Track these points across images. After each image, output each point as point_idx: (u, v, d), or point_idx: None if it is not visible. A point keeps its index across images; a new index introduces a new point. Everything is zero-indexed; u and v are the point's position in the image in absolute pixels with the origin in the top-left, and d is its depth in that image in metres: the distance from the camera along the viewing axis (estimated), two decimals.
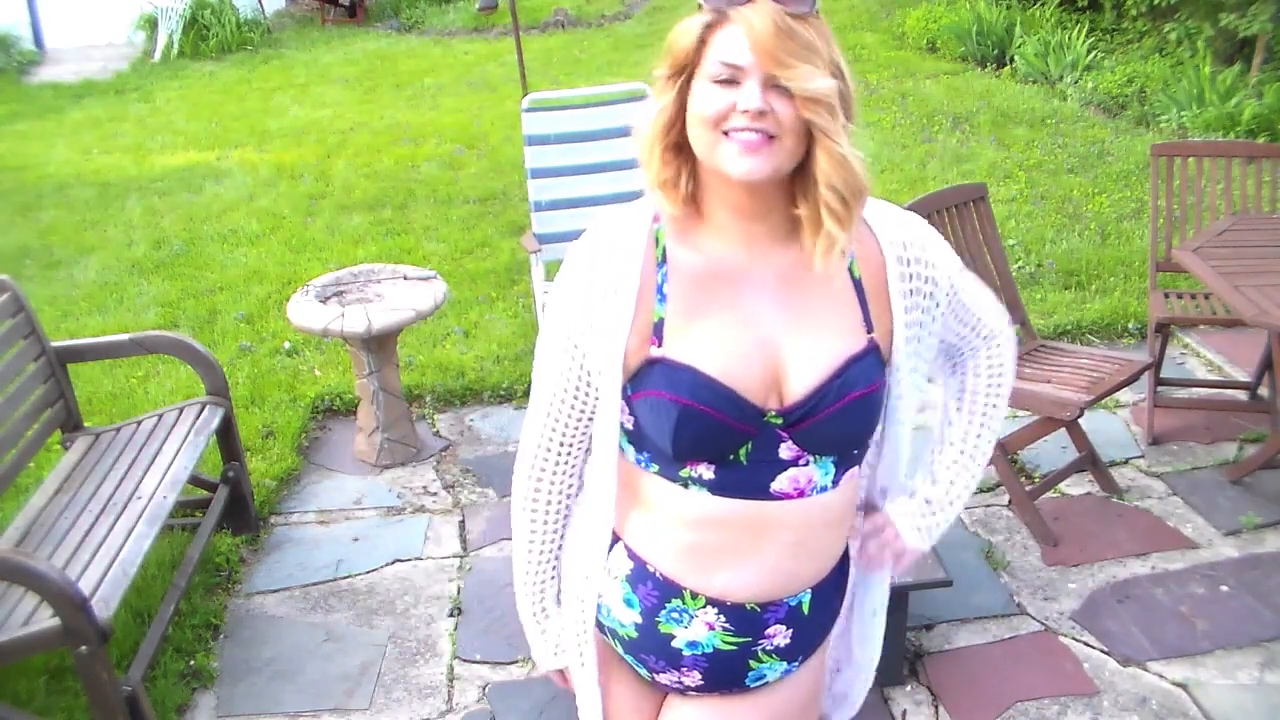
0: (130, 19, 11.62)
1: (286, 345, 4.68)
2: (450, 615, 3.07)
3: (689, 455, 1.37)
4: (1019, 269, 5.02)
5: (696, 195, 1.36)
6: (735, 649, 1.46)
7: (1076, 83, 8.01)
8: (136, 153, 7.96)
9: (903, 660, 2.74)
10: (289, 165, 7.38)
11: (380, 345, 3.67)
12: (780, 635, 1.47)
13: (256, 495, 3.53)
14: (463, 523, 3.51)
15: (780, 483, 1.38)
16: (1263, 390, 3.85)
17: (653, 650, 1.49)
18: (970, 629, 2.91)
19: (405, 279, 3.84)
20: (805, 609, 1.48)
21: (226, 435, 3.34)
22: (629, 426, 1.41)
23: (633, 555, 1.48)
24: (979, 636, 2.88)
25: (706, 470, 1.37)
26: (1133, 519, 3.34)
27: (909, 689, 2.69)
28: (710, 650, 1.46)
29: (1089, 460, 3.44)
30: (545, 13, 11.99)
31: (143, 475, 2.97)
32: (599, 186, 4.36)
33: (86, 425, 3.37)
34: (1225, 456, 3.64)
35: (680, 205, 1.35)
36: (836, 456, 1.40)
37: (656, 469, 1.41)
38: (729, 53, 1.26)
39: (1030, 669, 2.76)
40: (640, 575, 1.47)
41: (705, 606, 1.44)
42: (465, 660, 2.90)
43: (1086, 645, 2.83)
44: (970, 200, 3.46)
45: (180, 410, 3.29)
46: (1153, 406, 3.74)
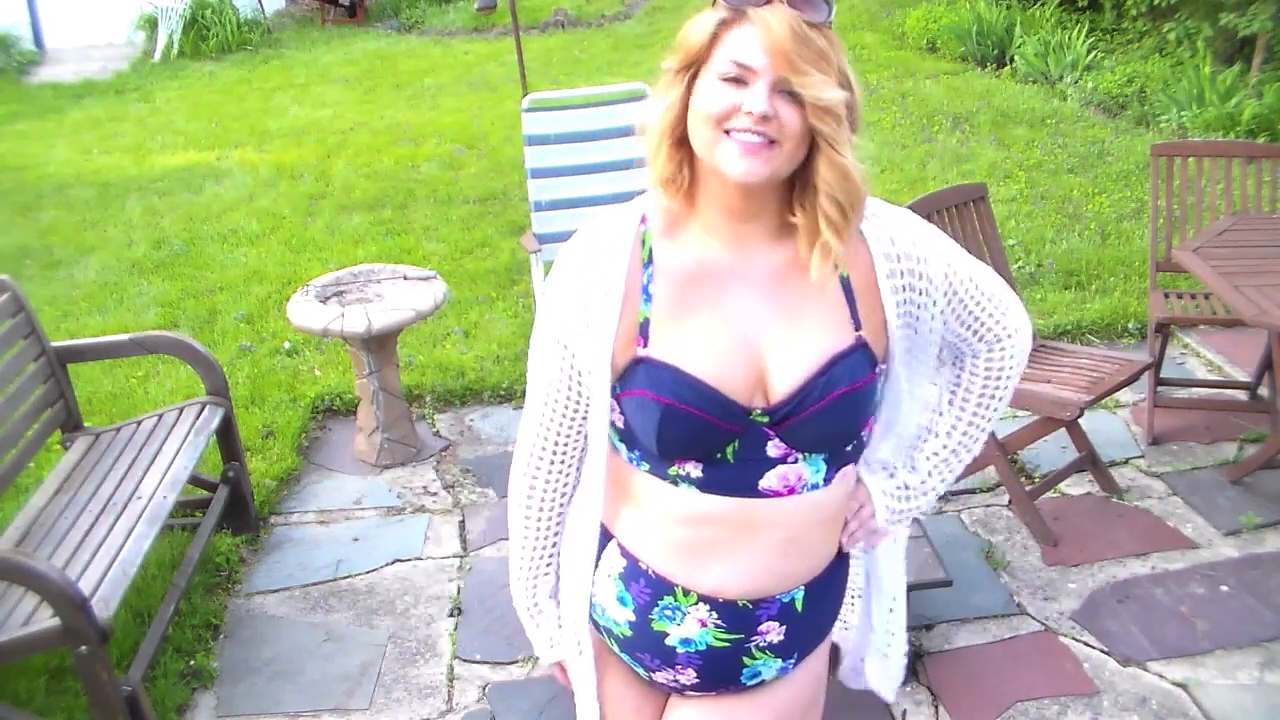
0: (130, 19, 11.63)
1: (286, 345, 4.68)
2: (450, 615, 3.07)
3: (675, 454, 1.38)
4: (1019, 269, 5.02)
5: (692, 190, 1.37)
6: (728, 646, 1.46)
7: (1076, 83, 8.01)
8: (136, 153, 7.96)
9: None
10: (289, 165, 7.38)
11: (380, 345, 3.67)
12: (773, 632, 1.47)
13: (256, 495, 3.53)
14: (463, 523, 3.51)
15: (769, 480, 1.39)
16: (1263, 390, 3.85)
17: (647, 648, 1.50)
18: (970, 629, 2.91)
19: (405, 279, 3.84)
20: (798, 606, 1.48)
21: (226, 435, 3.34)
22: (620, 425, 1.43)
23: (625, 553, 1.48)
24: (979, 636, 2.88)
25: (695, 468, 1.38)
26: (1133, 519, 3.34)
27: (909, 689, 2.69)
28: (703, 647, 1.46)
29: (1089, 460, 3.44)
30: (545, 13, 11.99)
31: (143, 475, 2.98)
32: (599, 186, 4.36)
33: (86, 425, 3.37)
34: (1225, 456, 3.64)
35: (680, 201, 1.36)
36: (827, 454, 1.41)
37: (647, 467, 1.42)
38: (741, 52, 1.26)
39: (1030, 669, 2.76)
40: (633, 573, 1.47)
41: (697, 603, 1.44)
42: (465, 660, 2.90)
43: (1086, 645, 2.83)
44: (970, 200, 3.46)
45: (180, 410, 3.30)
46: (1153, 406, 3.74)
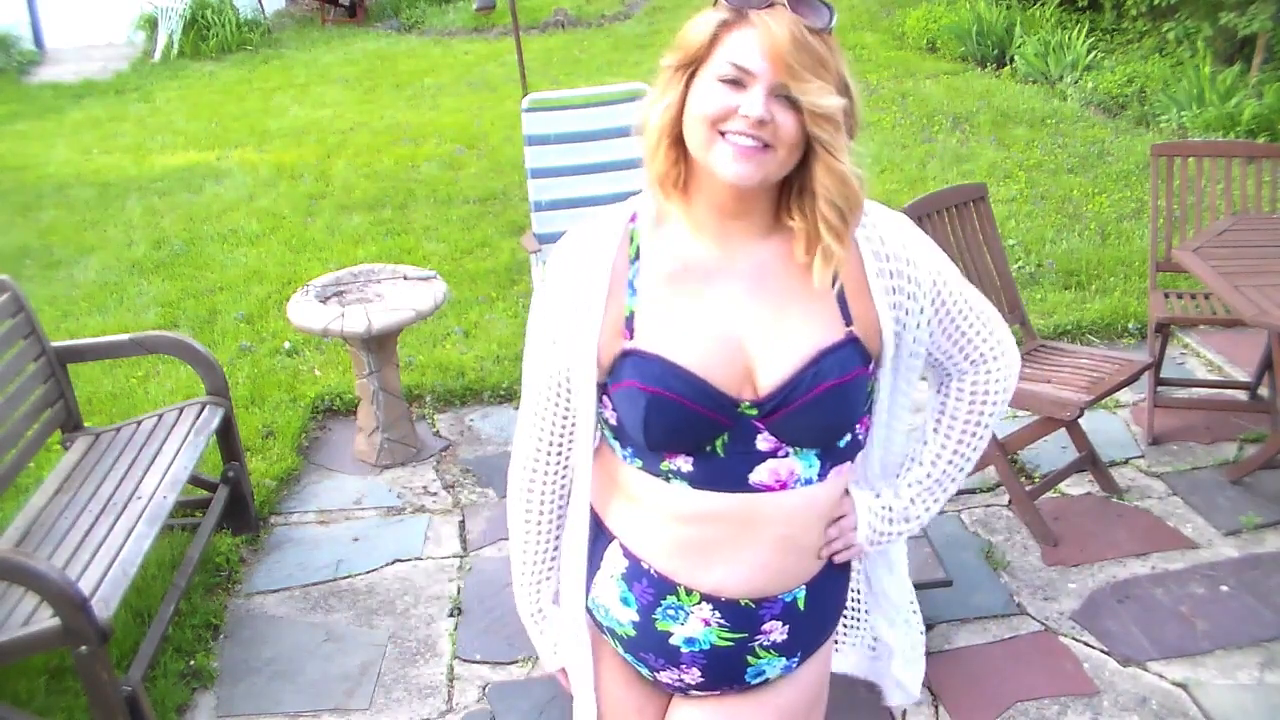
0: (130, 19, 11.63)
1: (286, 345, 4.68)
2: (450, 615, 3.07)
3: (663, 445, 1.38)
4: (1019, 269, 5.02)
5: (686, 187, 1.37)
6: (732, 645, 1.46)
7: (1076, 83, 8.01)
8: (136, 153, 7.96)
9: None
10: (289, 165, 7.38)
11: (380, 345, 3.67)
12: (777, 631, 1.47)
13: (256, 495, 3.53)
14: (463, 523, 3.51)
15: (759, 474, 1.38)
16: (1263, 390, 3.85)
17: (652, 648, 1.50)
18: (970, 629, 2.91)
19: (405, 279, 3.84)
20: (801, 605, 1.48)
21: (226, 435, 3.34)
22: (613, 422, 1.43)
23: (627, 553, 1.48)
24: (979, 636, 2.88)
25: (685, 462, 1.38)
26: (1133, 519, 3.34)
27: None
28: (708, 647, 1.46)
29: (1089, 460, 3.44)
30: (545, 13, 11.99)
31: (143, 475, 2.98)
32: (599, 186, 4.36)
33: (86, 425, 3.37)
34: (1225, 456, 3.64)
35: (674, 197, 1.37)
36: (820, 449, 1.40)
37: (640, 464, 1.42)
38: (741, 55, 1.26)
39: (1030, 669, 2.76)
40: (635, 573, 1.47)
41: (700, 603, 1.44)
42: (465, 660, 2.90)
43: (1086, 645, 2.83)
44: (970, 200, 3.46)
45: (180, 410, 3.30)
46: (1153, 406, 3.74)
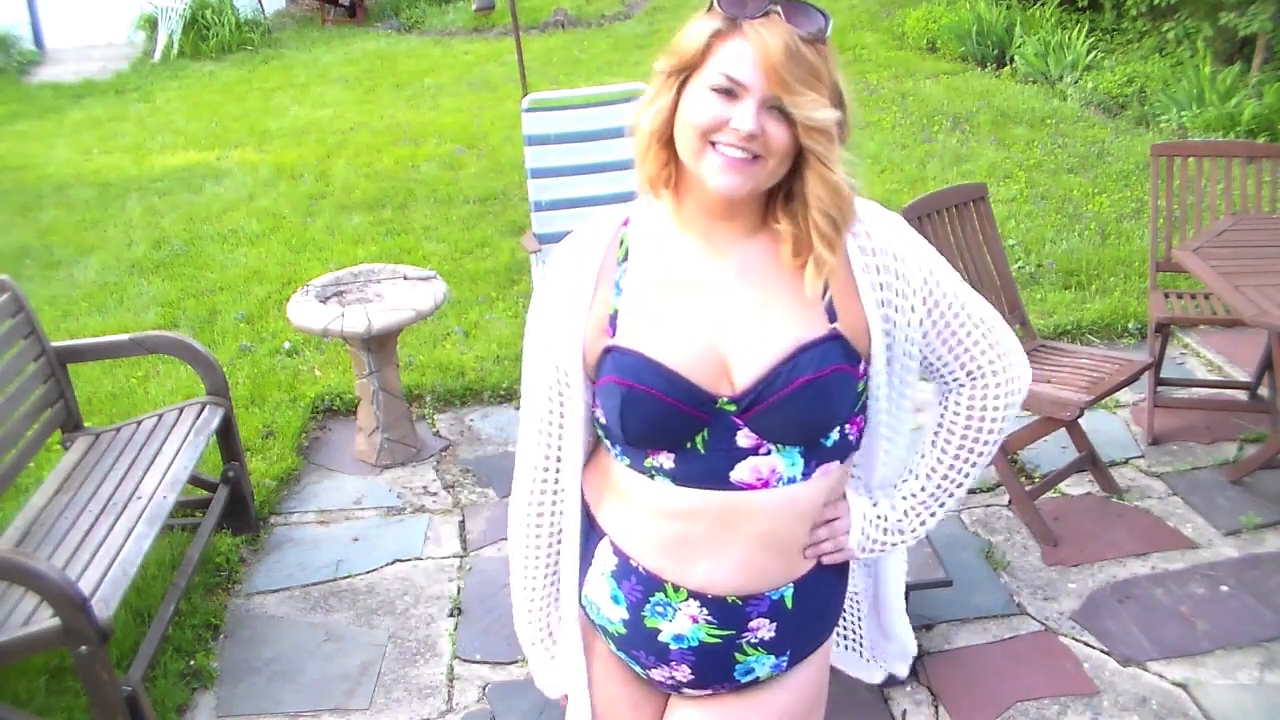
0: (130, 19, 11.63)
1: (286, 345, 4.68)
2: (450, 615, 3.07)
3: (642, 441, 1.39)
4: (1019, 269, 5.02)
5: (676, 188, 1.39)
6: (720, 642, 1.47)
7: (1076, 83, 8.01)
8: (136, 153, 7.96)
9: None
10: (289, 165, 7.38)
11: (380, 345, 3.67)
12: (764, 629, 1.47)
13: (256, 495, 3.53)
14: (463, 523, 3.51)
15: (740, 472, 1.38)
16: (1263, 390, 3.85)
17: (641, 645, 1.50)
18: (970, 629, 2.91)
19: (405, 279, 3.84)
20: (788, 603, 1.48)
21: (226, 435, 3.34)
22: (602, 420, 1.44)
23: (617, 550, 1.49)
24: (979, 636, 2.88)
25: (667, 459, 1.39)
26: (1133, 519, 3.34)
27: (909, 689, 2.69)
28: (696, 644, 1.47)
29: (1089, 460, 3.44)
30: (545, 13, 11.99)
31: (143, 475, 2.98)
32: (599, 186, 4.36)
33: (86, 425, 3.37)
34: (1225, 456, 3.64)
35: (665, 198, 1.39)
36: (803, 447, 1.39)
37: (626, 461, 1.43)
38: (733, 66, 1.26)
39: (1030, 669, 2.76)
40: (624, 570, 1.48)
41: (687, 599, 1.45)
42: (465, 660, 2.90)
43: (1086, 645, 2.83)
44: (970, 200, 3.46)
45: (180, 410, 3.30)
46: (1153, 406, 3.74)
